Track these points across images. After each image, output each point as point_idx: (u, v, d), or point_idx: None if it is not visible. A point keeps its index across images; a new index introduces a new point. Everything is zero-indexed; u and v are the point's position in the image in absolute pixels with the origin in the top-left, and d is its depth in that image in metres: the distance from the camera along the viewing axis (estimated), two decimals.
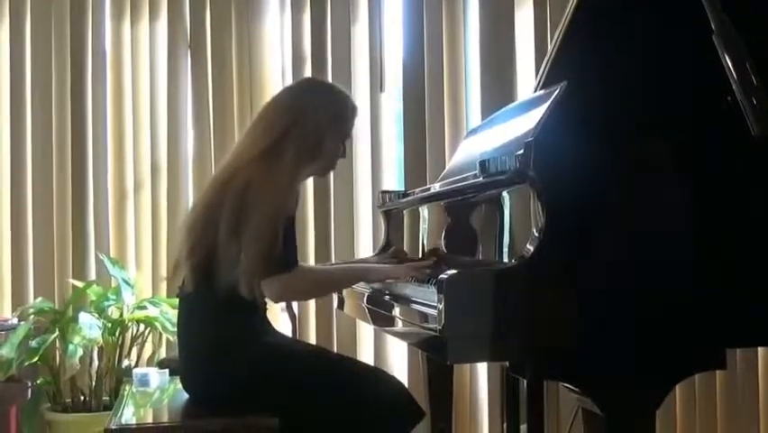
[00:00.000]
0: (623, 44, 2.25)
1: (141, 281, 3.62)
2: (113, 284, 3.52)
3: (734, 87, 1.92)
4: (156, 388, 2.45)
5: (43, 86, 3.69)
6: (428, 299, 1.81)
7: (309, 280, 2.26)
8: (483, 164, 1.82)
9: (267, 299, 2.22)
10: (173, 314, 3.08)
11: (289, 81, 3.65)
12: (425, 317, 1.79)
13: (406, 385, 2.41)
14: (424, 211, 2.47)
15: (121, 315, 3.41)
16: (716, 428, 3.49)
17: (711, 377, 3.44)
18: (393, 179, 3.74)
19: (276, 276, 2.11)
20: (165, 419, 2.19)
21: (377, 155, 3.69)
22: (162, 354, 3.51)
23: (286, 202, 2.12)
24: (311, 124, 2.22)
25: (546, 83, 2.45)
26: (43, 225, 3.66)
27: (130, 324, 3.42)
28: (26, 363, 3.19)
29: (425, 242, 2.46)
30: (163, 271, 3.60)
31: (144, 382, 2.46)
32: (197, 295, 2.18)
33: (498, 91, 3.58)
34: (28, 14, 3.72)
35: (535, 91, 2.55)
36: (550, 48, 2.57)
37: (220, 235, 2.09)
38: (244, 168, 2.15)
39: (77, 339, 3.20)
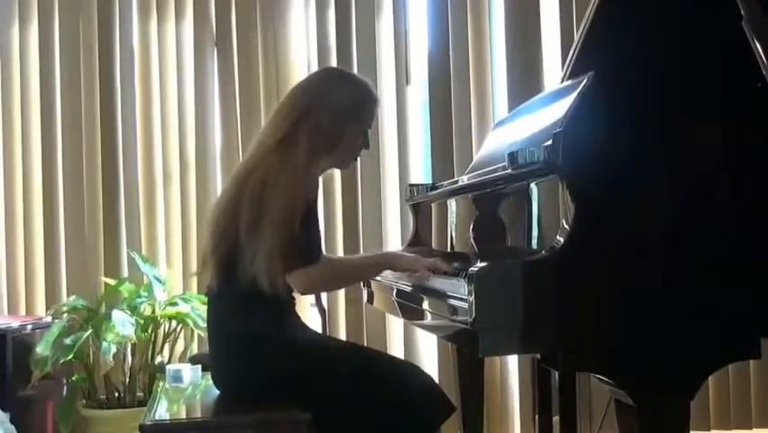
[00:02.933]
0: (650, 32, 2.23)
1: (171, 278, 3.65)
2: (144, 281, 3.55)
3: (764, 73, 1.89)
4: (189, 384, 2.46)
5: (72, 85, 3.73)
6: (458, 292, 1.81)
7: (335, 271, 2.27)
8: (512, 156, 1.81)
9: (294, 294, 2.23)
10: (204, 310, 3.09)
11: None
12: (455, 309, 1.78)
13: (437, 379, 2.41)
14: (452, 204, 2.47)
15: (153, 312, 3.45)
16: (750, 418, 3.46)
17: (745, 367, 3.40)
18: (420, 172, 3.74)
19: (301, 268, 2.10)
20: (198, 414, 2.21)
21: (404, 148, 3.69)
22: (194, 349, 3.54)
23: (301, 192, 2.10)
24: (325, 112, 2.19)
25: (573, 73, 2.43)
26: (75, 225, 3.71)
27: (162, 320, 3.45)
28: (61, 361, 3.23)
29: (453, 234, 2.46)
30: (194, 268, 3.63)
31: (177, 377, 2.48)
32: (224, 291, 2.19)
33: (525, 82, 3.56)
34: (56, 15, 3.76)
35: (562, 82, 2.53)
36: (576, 38, 2.56)
37: (241, 231, 2.10)
38: (261, 161, 2.15)
39: (110, 336, 3.23)
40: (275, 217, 2.06)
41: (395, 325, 3.64)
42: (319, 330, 2.86)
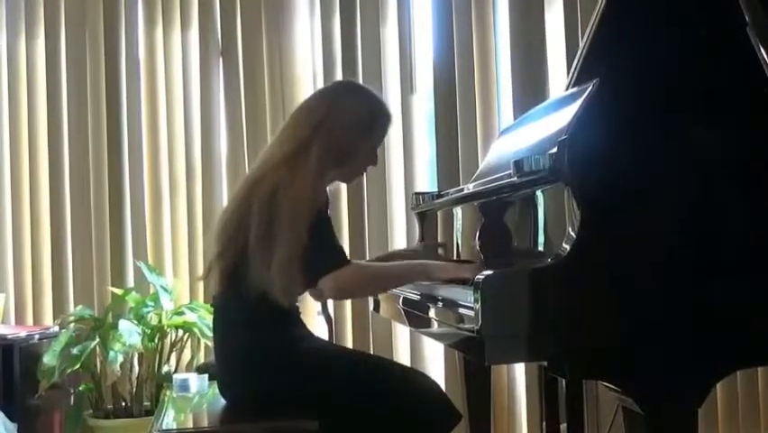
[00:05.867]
0: (655, 39, 2.23)
1: (178, 287, 3.66)
2: (151, 291, 3.56)
3: None
4: (196, 393, 2.47)
5: (79, 94, 3.75)
6: (465, 300, 1.81)
7: (366, 274, 2.24)
8: (517, 164, 1.81)
9: (300, 302, 2.23)
10: (211, 319, 3.10)
11: (321, 84, 3.67)
12: (461, 317, 1.78)
13: (443, 386, 2.40)
14: (458, 212, 2.47)
15: (160, 321, 3.45)
16: (759, 425, 3.45)
17: (753, 373, 3.39)
18: (426, 180, 3.74)
19: (332, 272, 2.09)
20: (205, 423, 2.21)
21: (409, 157, 3.69)
22: (201, 359, 3.54)
23: (313, 204, 2.10)
24: (338, 126, 2.20)
25: (578, 81, 2.43)
26: (82, 235, 3.72)
27: (168, 330, 3.46)
28: (68, 371, 3.23)
29: (459, 242, 2.46)
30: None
31: (184, 387, 2.48)
32: (230, 299, 2.19)
33: (530, 90, 3.56)
34: (62, 24, 3.78)
35: (567, 89, 2.53)
36: (581, 45, 2.56)
37: (250, 240, 2.09)
38: (271, 171, 2.15)
39: (117, 346, 3.24)
40: (287, 230, 2.05)
41: (401, 332, 3.64)
42: (326, 338, 2.86)
